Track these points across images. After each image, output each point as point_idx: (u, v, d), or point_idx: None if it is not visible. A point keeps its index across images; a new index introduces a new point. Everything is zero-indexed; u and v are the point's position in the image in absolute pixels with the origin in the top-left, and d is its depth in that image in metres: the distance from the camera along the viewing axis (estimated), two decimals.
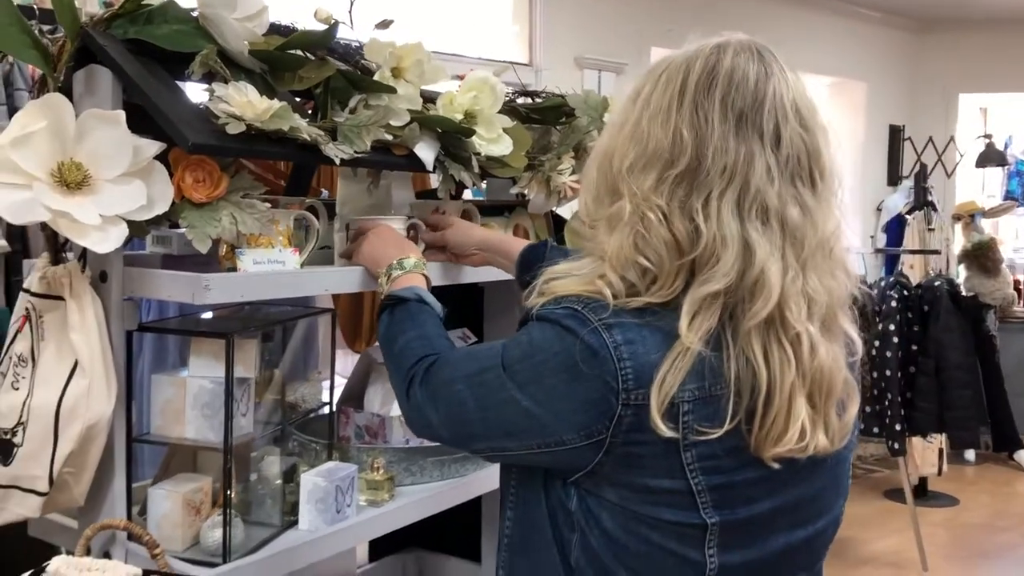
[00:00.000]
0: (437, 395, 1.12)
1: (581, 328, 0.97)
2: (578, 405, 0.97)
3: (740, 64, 1.02)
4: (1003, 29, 6.55)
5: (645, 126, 1.01)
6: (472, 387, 1.07)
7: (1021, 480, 5.56)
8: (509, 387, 1.02)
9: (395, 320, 1.30)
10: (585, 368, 0.96)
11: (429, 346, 1.21)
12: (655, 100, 1.02)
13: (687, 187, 0.98)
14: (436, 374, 1.14)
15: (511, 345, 1.05)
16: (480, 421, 1.07)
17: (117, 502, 1.37)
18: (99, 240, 1.23)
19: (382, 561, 2.27)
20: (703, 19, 5.44)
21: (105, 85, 1.33)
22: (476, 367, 1.09)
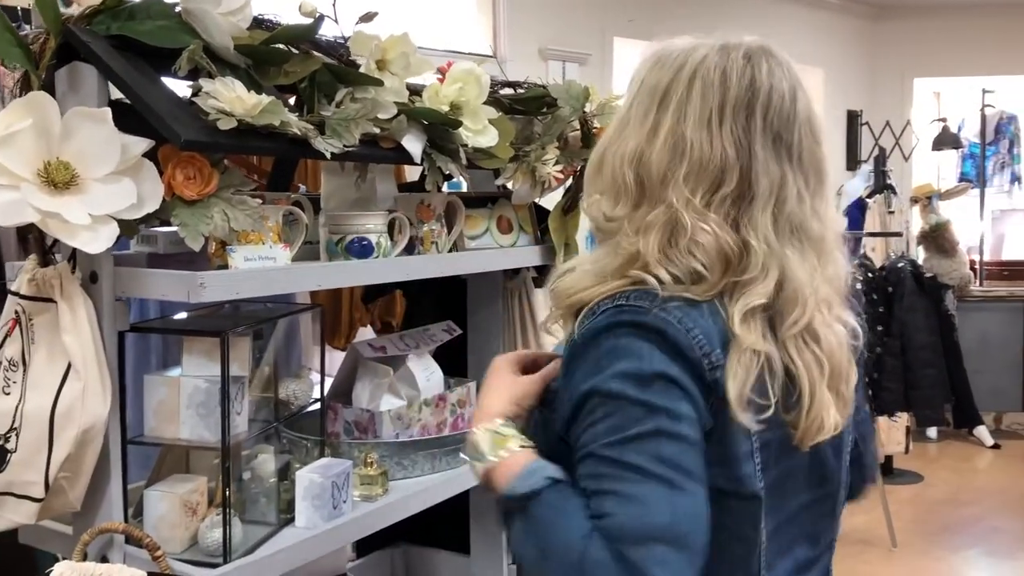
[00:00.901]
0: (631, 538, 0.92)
1: (640, 317, 0.96)
2: (685, 390, 0.96)
3: (776, 83, 1.04)
4: (955, 15, 6.68)
5: (690, 136, 1.01)
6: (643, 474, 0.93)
7: (982, 455, 5.69)
8: (669, 430, 0.94)
9: (539, 523, 0.98)
10: (669, 351, 0.95)
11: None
12: (693, 110, 1.02)
13: (735, 204, 1.02)
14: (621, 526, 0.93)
15: (614, 402, 0.94)
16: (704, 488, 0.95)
17: (114, 505, 1.35)
18: (89, 240, 1.21)
19: (370, 556, 2.26)
20: (664, 10, 5.48)
21: (90, 82, 1.31)
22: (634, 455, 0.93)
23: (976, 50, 6.68)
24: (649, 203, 1.02)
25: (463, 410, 1.98)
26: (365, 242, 1.59)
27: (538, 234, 2.02)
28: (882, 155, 5.73)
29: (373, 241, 1.60)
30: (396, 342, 1.93)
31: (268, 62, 1.46)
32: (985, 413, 5.87)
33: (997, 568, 4.11)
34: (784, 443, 1.02)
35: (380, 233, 1.62)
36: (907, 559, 4.08)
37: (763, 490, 1.00)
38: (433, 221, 1.78)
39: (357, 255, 1.59)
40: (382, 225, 1.63)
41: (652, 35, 4.40)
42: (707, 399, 0.96)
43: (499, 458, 1.01)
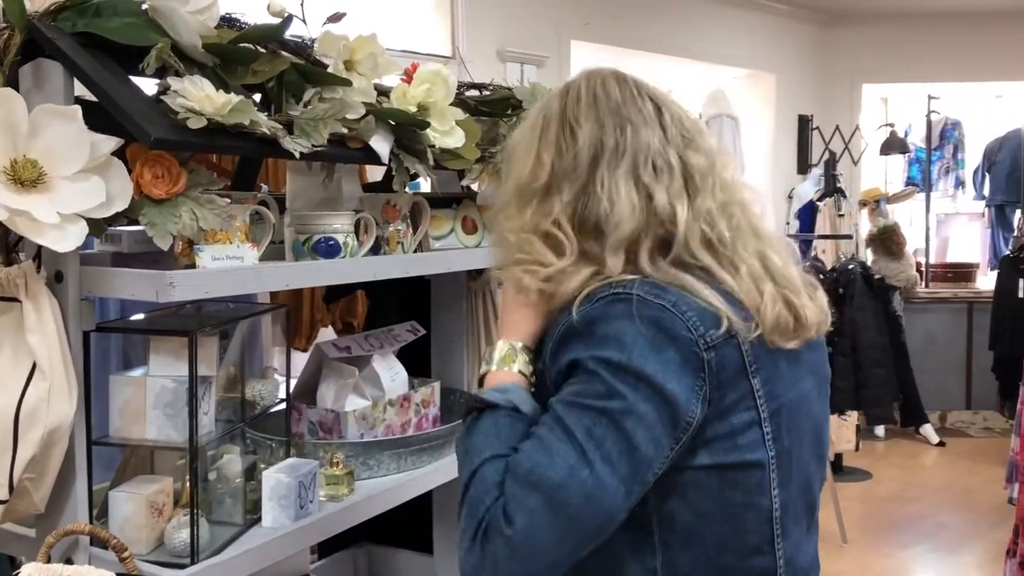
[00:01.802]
0: (535, 500, 0.99)
1: (634, 307, 1.02)
2: (682, 372, 1.01)
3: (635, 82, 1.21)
4: (902, 23, 6.84)
5: (579, 131, 1.15)
6: (585, 457, 0.99)
7: (927, 453, 5.84)
8: (618, 418, 1.00)
9: (478, 430, 1.08)
10: (665, 337, 1.01)
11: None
12: (576, 111, 1.16)
13: (634, 171, 1.14)
14: (528, 476, 1.00)
15: (592, 377, 1.01)
16: (618, 481, 1.00)
17: (79, 507, 1.34)
18: (58, 239, 1.20)
19: (333, 557, 2.26)
20: (619, 14, 5.54)
21: (55, 79, 1.30)
22: (572, 440, 1.00)
23: (922, 57, 6.86)
24: (554, 192, 1.14)
25: (427, 410, 1.99)
26: (332, 242, 1.59)
27: None
28: (832, 159, 5.86)
29: (340, 241, 1.60)
30: (361, 342, 1.93)
31: (236, 61, 1.45)
32: (931, 412, 6.03)
33: (941, 563, 4.23)
34: (792, 414, 1.09)
35: (347, 233, 1.62)
36: (857, 554, 4.17)
37: (773, 459, 1.07)
38: (399, 221, 1.79)
39: (324, 255, 1.59)
40: (349, 225, 1.63)
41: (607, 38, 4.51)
42: (705, 379, 1.02)
43: (496, 368, 1.12)
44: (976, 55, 6.82)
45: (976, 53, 6.81)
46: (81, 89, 1.34)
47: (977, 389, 6.20)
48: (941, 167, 7.57)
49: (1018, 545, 2.99)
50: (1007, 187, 7.15)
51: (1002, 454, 5.16)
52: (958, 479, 5.26)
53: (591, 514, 0.99)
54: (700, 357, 1.02)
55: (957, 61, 6.86)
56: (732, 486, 1.05)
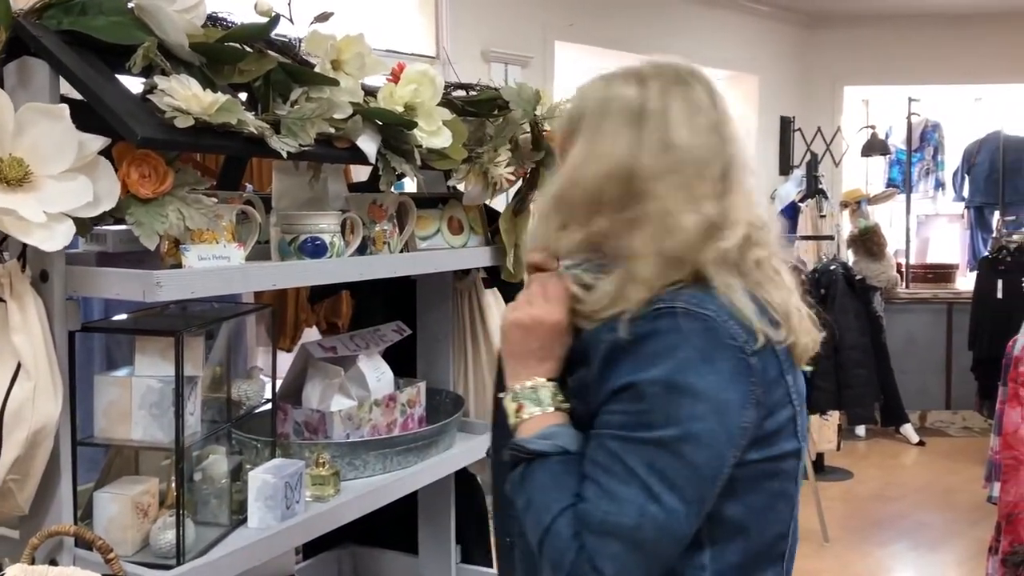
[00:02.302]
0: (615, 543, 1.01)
1: (680, 321, 1.02)
2: (734, 381, 1.03)
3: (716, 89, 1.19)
4: (883, 25, 6.89)
5: (677, 140, 1.11)
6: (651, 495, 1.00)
7: (907, 453, 5.88)
8: (677, 445, 1.00)
9: (534, 482, 1.07)
10: (713, 347, 1.02)
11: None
12: (674, 116, 1.11)
13: (719, 186, 1.13)
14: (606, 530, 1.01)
15: (642, 402, 1.01)
16: (687, 507, 1.01)
17: (64, 508, 1.33)
18: (45, 238, 1.20)
19: (318, 558, 2.25)
20: (603, 14, 5.55)
21: (40, 78, 1.29)
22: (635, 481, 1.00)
23: (903, 60, 6.91)
24: (634, 204, 1.09)
25: (413, 410, 1.99)
26: (319, 242, 1.59)
27: (488, 235, 2.04)
28: (814, 160, 5.89)
29: (327, 241, 1.60)
30: (346, 342, 1.93)
31: (222, 60, 1.45)
32: (911, 411, 6.07)
33: (922, 561, 4.26)
34: (803, 410, 1.13)
35: (333, 233, 1.62)
36: (839, 553, 4.19)
37: (802, 449, 1.11)
38: (385, 221, 1.79)
39: (310, 255, 1.59)
40: (335, 225, 1.63)
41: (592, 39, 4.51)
42: (756, 383, 1.04)
43: (542, 412, 1.09)
44: (956, 58, 6.88)
45: (956, 56, 6.87)
46: (66, 87, 1.33)
47: (956, 389, 6.25)
48: (921, 169, 7.63)
49: (1000, 542, 3.02)
50: (986, 189, 7.22)
51: (981, 453, 5.20)
52: (938, 478, 5.31)
53: (668, 542, 1.01)
54: (748, 363, 1.03)
55: (937, 64, 6.91)
56: (773, 476, 1.09)
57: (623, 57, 5.97)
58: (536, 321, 1.10)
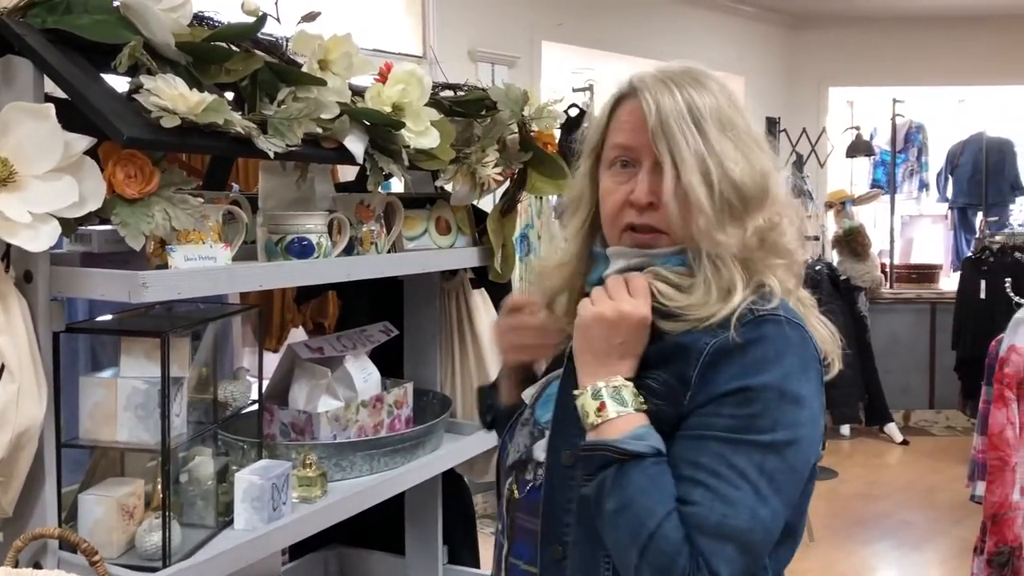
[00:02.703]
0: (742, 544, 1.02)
1: (784, 329, 1.05)
2: (819, 390, 1.07)
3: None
4: (868, 27, 6.93)
5: (762, 145, 1.14)
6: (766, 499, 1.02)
7: (892, 452, 5.92)
8: (783, 449, 1.02)
9: (632, 485, 1.03)
10: (809, 357, 1.06)
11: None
12: (747, 123, 1.14)
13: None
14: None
15: (752, 406, 1.02)
16: (785, 508, 1.05)
17: (48, 510, 1.32)
18: (30, 238, 1.19)
19: (304, 559, 2.24)
20: (589, 15, 5.55)
21: (25, 77, 1.28)
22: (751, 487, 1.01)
23: (887, 61, 6.95)
24: (760, 209, 1.11)
25: (400, 411, 1.99)
26: (305, 242, 1.59)
27: (476, 235, 2.04)
28: (799, 161, 5.91)
29: (314, 241, 1.59)
30: (333, 343, 1.92)
31: (209, 60, 1.44)
32: (895, 411, 6.12)
33: (905, 559, 4.29)
34: None
35: (320, 233, 1.61)
36: (824, 552, 4.22)
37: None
38: (372, 222, 1.78)
39: (297, 255, 1.58)
40: (322, 225, 1.62)
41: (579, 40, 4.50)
42: (825, 393, 1.09)
43: (628, 412, 1.05)
44: (940, 60, 6.93)
45: (940, 58, 6.92)
46: (50, 86, 1.32)
47: (940, 389, 6.30)
48: (905, 170, 7.68)
49: (985, 542, 3.05)
50: (969, 190, 7.28)
51: (964, 452, 5.23)
52: (921, 477, 5.34)
53: (770, 544, 1.04)
54: (822, 374, 1.09)
55: (921, 65, 6.96)
56: (811, 480, 1.11)
57: (610, 58, 5.97)
58: (621, 316, 1.06)
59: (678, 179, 1.07)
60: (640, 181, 1.11)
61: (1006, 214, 7.10)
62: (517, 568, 1.17)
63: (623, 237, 1.14)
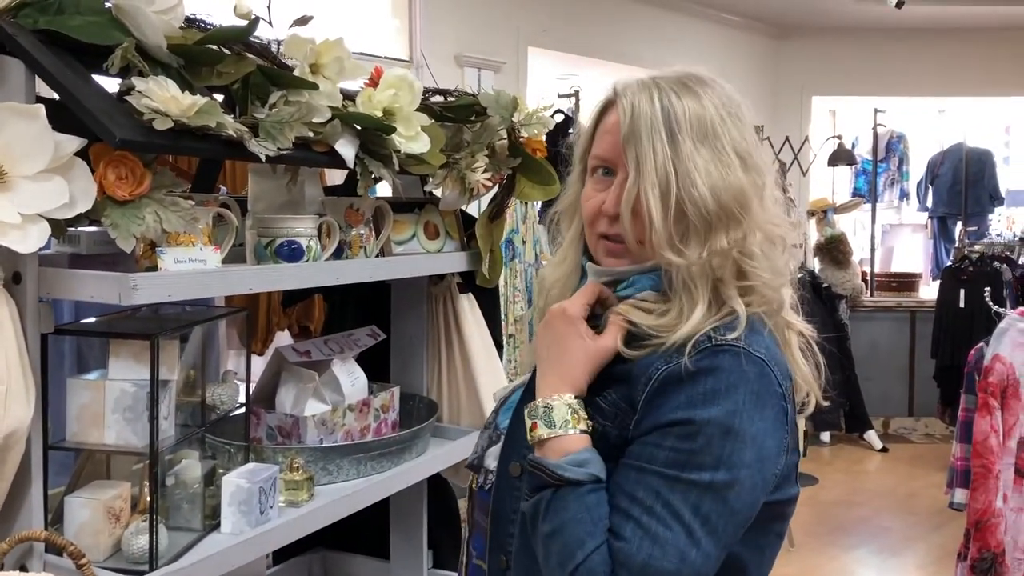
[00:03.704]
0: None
1: (740, 361, 1.00)
2: (776, 428, 1.01)
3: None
4: (850, 37, 6.99)
5: (749, 157, 1.07)
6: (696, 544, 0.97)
7: (872, 459, 5.96)
8: (723, 490, 0.98)
9: (567, 512, 1.01)
10: (765, 393, 1.00)
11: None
12: (736, 132, 1.07)
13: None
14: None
15: (696, 440, 0.97)
16: (720, 552, 0.99)
17: (34, 513, 1.31)
18: (19, 239, 1.18)
19: (288, 563, 2.24)
20: (577, 22, 5.57)
21: (16, 77, 1.27)
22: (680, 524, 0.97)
23: (869, 72, 7.02)
24: (742, 224, 1.04)
25: (386, 415, 1.99)
26: (295, 245, 1.59)
27: (464, 240, 2.05)
28: (782, 169, 5.95)
29: (303, 245, 1.59)
30: (320, 346, 1.92)
31: (201, 62, 1.44)
32: (874, 418, 6.16)
33: (885, 564, 4.32)
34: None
35: (310, 237, 1.61)
36: (805, 557, 4.24)
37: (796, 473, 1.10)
38: (361, 225, 1.79)
39: (287, 258, 1.58)
40: (312, 228, 1.62)
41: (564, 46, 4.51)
42: (788, 430, 1.02)
43: (565, 433, 1.03)
44: (921, 71, 7.00)
45: (921, 69, 7.00)
46: (39, 87, 1.31)
47: (919, 396, 6.35)
48: (887, 179, 7.75)
49: (969, 548, 3.08)
50: (949, 199, 7.35)
51: (942, 459, 5.28)
52: (901, 484, 5.39)
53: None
54: (786, 410, 1.02)
55: (903, 76, 7.03)
56: (775, 519, 1.07)
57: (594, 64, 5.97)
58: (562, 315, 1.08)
59: (637, 189, 1.04)
60: (612, 190, 1.08)
61: (985, 224, 7.18)
62: (472, 558, 1.19)
63: (598, 246, 1.12)
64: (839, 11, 6.55)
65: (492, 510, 1.13)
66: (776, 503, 1.06)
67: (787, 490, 1.07)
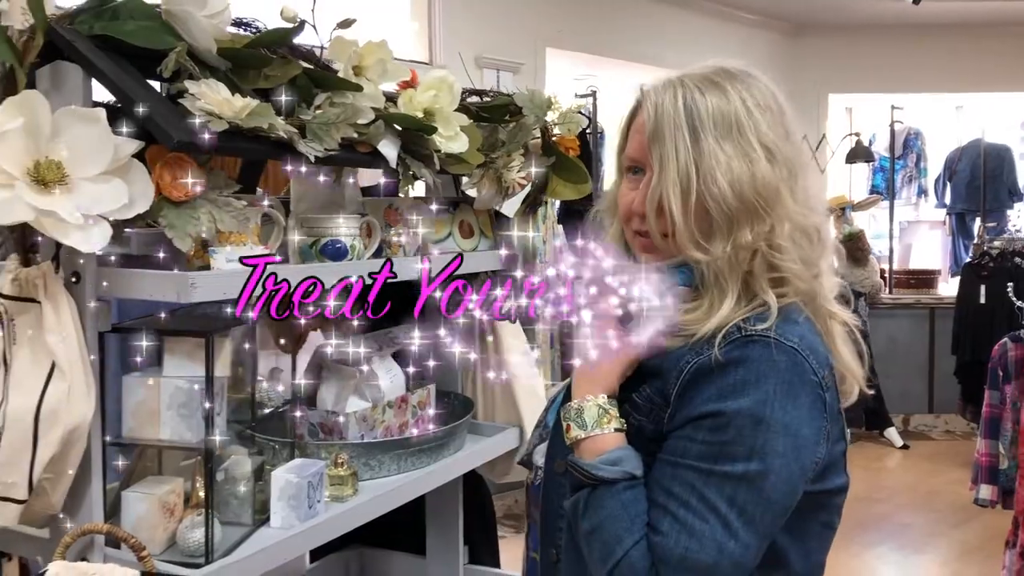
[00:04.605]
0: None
1: (770, 351, 1.01)
2: (812, 417, 1.02)
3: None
4: (867, 34, 7.00)
5: (775, 149, 1.07)
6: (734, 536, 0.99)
7: (892, 456, 5.96)
8: (756, 480, 0.99)
9: (603, 510, 1.04)
10: (799, 382, 1.01)
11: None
12: (763, 125, 1.08)
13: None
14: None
15: (727, 432, 0.99)
16: (760, 541, 1.01)
17: (95, 507, 1.34)
18: (82, 239, 1.21)
19: (326, 560, 2.26)
20: (594, 22, 5.60)
21: (73, 82, 1.30)
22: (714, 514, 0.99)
23: (886, 68, 7.02)
24: (768, 218, 1.05)
25: (424, 411, 2.01)
26: (339, 244, 1.61)
27: (497, 238, 2.07)
28: None
29: (347, 244, 1.62)
30: (359, 345, 1.95)
31: (248, 65, 1.47)
32: (894, 415, 6.16)
33: (907, 561, 4.33)
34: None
35: (353, 236, 1.64)
36: None
37: (848, 482, 1.11)
38: (400, 225, 1.81)
39: (331, 257, 1.61)
40: (355, 228, 1.65)
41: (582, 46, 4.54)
42: (827, 418, 1.04)
43: (599, 433, 1.06)
44: (938, 67, 7.00)
45: (938, 65, 7.00)
46: None
47: (939, 393, 6.35)
48: (904, 176, 7.74)
49: (1018, 536, 3.10)
50: (967, 196, 7.34)
51: (963, 456, 5.29)
52: (921, 481, 5.39)
53: (738, 574, 1.01)
54: (823, 398, 1.03)
55: (919, 72, 7.03)
56: (820, 509, 1.09)
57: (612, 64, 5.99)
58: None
59: (660, 189, 1.06)
60: (640, 190, 1.11)
61: (1004, 220, 7.16)
62: (529, 551, 1.22)
63: (633, 242, 1.15)
64: (856, 8, 6.56)
65: (542, 506, 1.16)
66: (820, 492, 1.07)
67: (832, 479, 1.08)
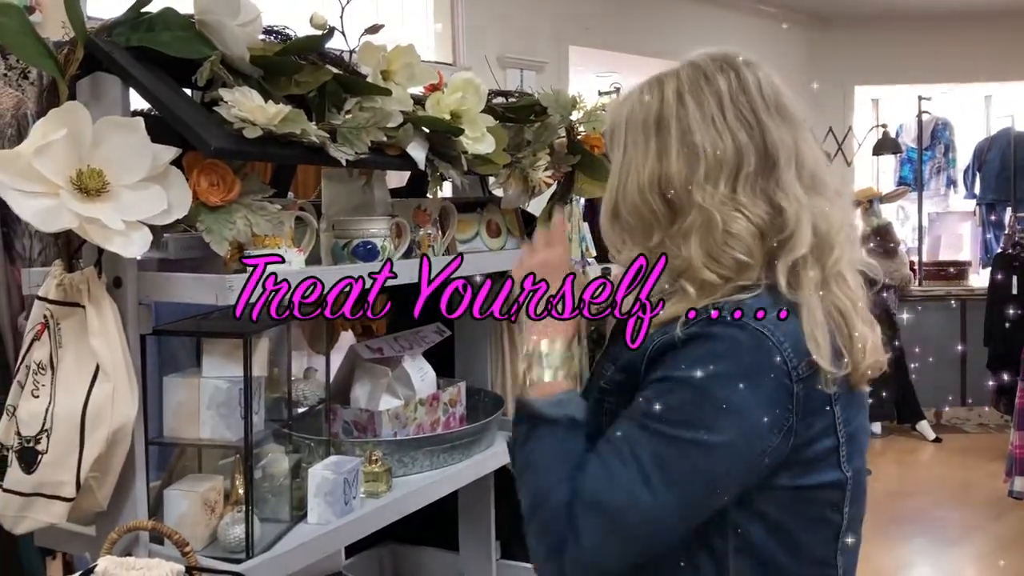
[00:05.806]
0: (613, 524, 1.02)
1: (734, 331, 1.01)
2: (769, 404, 1.01)
3: (753, 68, 1.14)
4: (892, 26, 6.95)
5: (699, 141, 1.08)
6: (648, 485, 1.01)
7: (924, 449, 5.92)
8: (688, 447, 1.00)
9: (541, 446, 1.09)
10: (759, 366, 1.01)
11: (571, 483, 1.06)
12: (693, 119, 1.09)
13: (760, 177, 1.08)
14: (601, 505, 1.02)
15: (671, 396, 1.01)
16: (680, 506, 1.02)
17: (139, 504, 1.38)
18: (124, 245, 1.25)
19: (360, 556, 2.30)
20: (617, 20, 5.61)
21: (113, 92, 1.35)
22: (637, 465, 1.01)
23: (913, 59, 6.96)
24: (680, 215, 1.09)
25: (454, 409, 2.04)
26: (370, 245, 1.65)
27: (524, 237, 2.10)
28: (826, 160, 5.93)
29: (378, 245, 1.65)
30: (391, 344, 1.98)
31: (280, 72, 1.50)
32: (926, 408, 6.12)
33: (943, 554, 4.30)
34: (859, 435, 1.12)
35: (384, 237, 1.67)
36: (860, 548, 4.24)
37: (849, 479, 1.09)
38: (429, 225, 1.84)
39: (363, 258, 1.64)
40: (385, 229, 1.68)
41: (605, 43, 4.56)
42: (792, 411, 1.02)
43: (555, 379, 1.12)
44: (965, 57, 6.93)
45: (965, 55, 6.93)
46: None
47: (972, 386, 6.29)
48: (933, 167, 7.67)
49: None
50: (997, 186, 7.26)
51: (997, 449, 5.24)
52: (954, 474, 5.34)
53: (649, 532, 1.02)
54: (789, 389, 1.02)
55: (946, 62, 6.97)
56: (808, 502, 1.08)
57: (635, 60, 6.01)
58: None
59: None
60: None
61: None
62: None
63: None
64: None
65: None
66: (804, 487, 1.06)
67: (820, 475, 1.06)
